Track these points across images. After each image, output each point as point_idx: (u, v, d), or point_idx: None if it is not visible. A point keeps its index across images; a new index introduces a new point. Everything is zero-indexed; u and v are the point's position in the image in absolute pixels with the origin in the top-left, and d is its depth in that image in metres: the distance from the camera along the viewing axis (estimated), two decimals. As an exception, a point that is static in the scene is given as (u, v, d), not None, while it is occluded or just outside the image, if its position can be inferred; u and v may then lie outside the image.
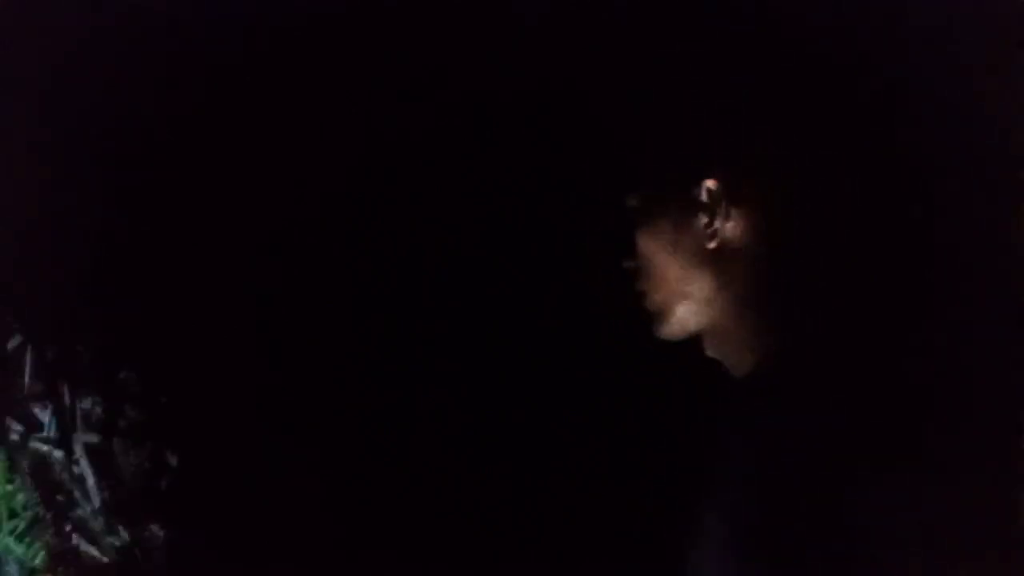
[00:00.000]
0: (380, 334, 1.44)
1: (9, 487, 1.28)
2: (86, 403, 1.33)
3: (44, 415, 1.31)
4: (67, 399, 1.31)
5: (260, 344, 1.40)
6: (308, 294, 1.43)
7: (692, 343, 1.03)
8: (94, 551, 1.33)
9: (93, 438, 1.33)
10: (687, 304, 1.01)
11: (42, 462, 1.31)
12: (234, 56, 1.31)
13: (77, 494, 1.32)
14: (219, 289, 1.38)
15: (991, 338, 1.01)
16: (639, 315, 1.05)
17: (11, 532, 1.28)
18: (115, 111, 1.28)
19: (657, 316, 1.04)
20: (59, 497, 1.31)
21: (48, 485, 1.31)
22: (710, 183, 0.97)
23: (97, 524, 1.32)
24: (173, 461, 1.36)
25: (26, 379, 1.30)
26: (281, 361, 1.41)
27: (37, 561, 1.28)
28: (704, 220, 0.98)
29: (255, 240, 1.39)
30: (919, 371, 0.94)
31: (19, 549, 1.28)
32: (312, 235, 1.42)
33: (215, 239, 1.37)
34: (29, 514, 1.30)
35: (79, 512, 1.32)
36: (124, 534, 1.34)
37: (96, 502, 1.32)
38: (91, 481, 1.32)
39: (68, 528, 1.32)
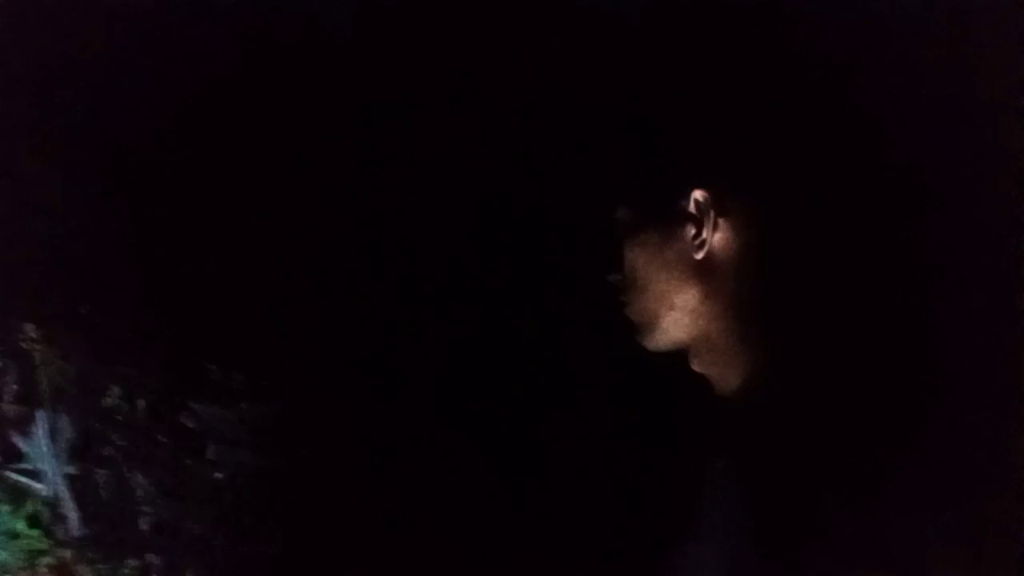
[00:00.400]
0: (366, 337, 1.40)
1: (-15, 527, 1.16)
2: (67, 431, 1.23)
3: (23, 443, 1.20)
4: (48, 425, 1.21)
5: (253, 361, 1.34)
6: (300, 305, 1.38)
7: (678, 358, 1.03)
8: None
9: (73, 469, 1.23)
10: (673, 315, 1.00)
11: (20, 495, 1.19)
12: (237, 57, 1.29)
13: (58, 531, 1.21)
14: (211, 303, 1.31)
15: (985, 346, 1.02)
16: (623, 328, 1.05)
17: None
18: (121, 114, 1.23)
19: (642, 327, 1.03)
20: (40, 536, 1.20)
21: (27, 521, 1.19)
22: (698, 194, 0.97)
23: (73, 558, 1.22)
24: (155, 491, 1.28)
25: (3, 403, 1.19)
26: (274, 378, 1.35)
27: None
28: (692, 231, 0.98)
29: (250, 250, 1.34)
30: (910, 384, 0.95)
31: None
32: (294, 251, 1.38)
33: (213, 247, 1.32)
34: (3, 555, 1.18)
35: (58, 551, 1.21)
36: (103, 568, 1.23)
37: (77, 535, 1.22)
38: (73, 516, 1.22)
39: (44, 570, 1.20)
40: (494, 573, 1.35)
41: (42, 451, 1.20)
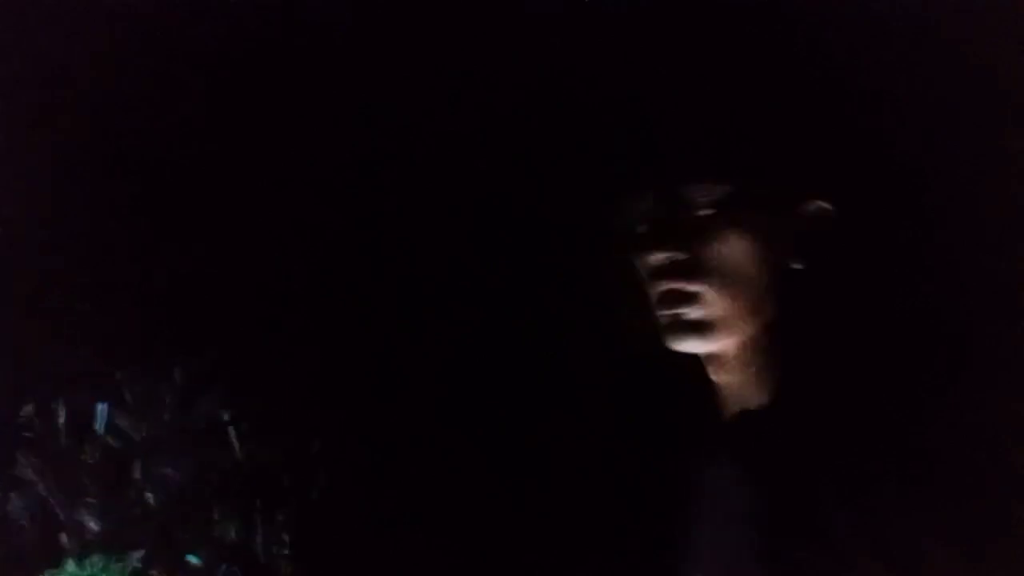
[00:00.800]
0: (365, 337, 1.40)
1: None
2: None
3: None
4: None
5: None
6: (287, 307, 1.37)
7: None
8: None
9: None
10: (748, 321, 0.92)
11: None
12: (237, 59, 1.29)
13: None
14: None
15: (988, 346, 1.00)
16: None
17: None
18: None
19: (698, 327, 0.92)
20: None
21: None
22: (821, 204, 0.92)
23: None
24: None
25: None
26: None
27: None
28: (797, 238, 0.92)
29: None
30: (912, 384, 0.93)
31: None
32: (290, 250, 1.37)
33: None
34: None
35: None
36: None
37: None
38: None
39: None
40: (494, 573, 1.35)
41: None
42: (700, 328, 0.92)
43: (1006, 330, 1.03)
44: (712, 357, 0.96)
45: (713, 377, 0.97)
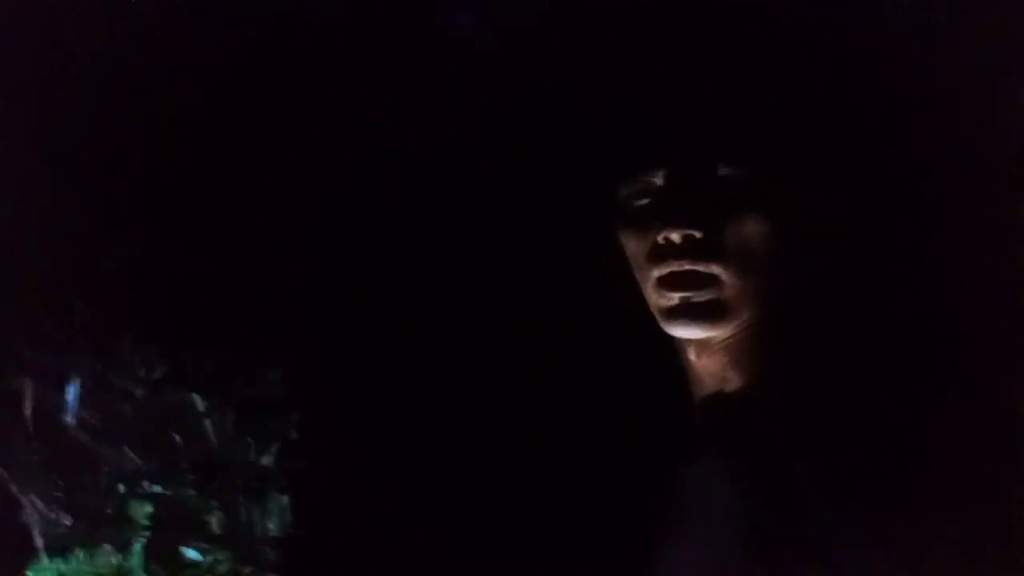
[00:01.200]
0: (366, 337, 1.39)
1: None
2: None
3: None
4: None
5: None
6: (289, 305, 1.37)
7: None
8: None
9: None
10: (752, 309, 0.91)
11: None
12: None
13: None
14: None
15: (989, 345, 1.01)
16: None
17: None
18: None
19: (709, 313, 0.89)
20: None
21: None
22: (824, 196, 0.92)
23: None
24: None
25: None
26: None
27: None
28: (804, 230, 0.92)
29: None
30: (912, 383, 0.93)
31: None
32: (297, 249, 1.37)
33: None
34: None
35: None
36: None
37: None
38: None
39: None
40: (494, 573, 1.34)
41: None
42: (710, 313, 0.89)
43: (1006, 330, 1.03)
44: (699, 339, 0.94)
45: (692, 358, 0.96)
